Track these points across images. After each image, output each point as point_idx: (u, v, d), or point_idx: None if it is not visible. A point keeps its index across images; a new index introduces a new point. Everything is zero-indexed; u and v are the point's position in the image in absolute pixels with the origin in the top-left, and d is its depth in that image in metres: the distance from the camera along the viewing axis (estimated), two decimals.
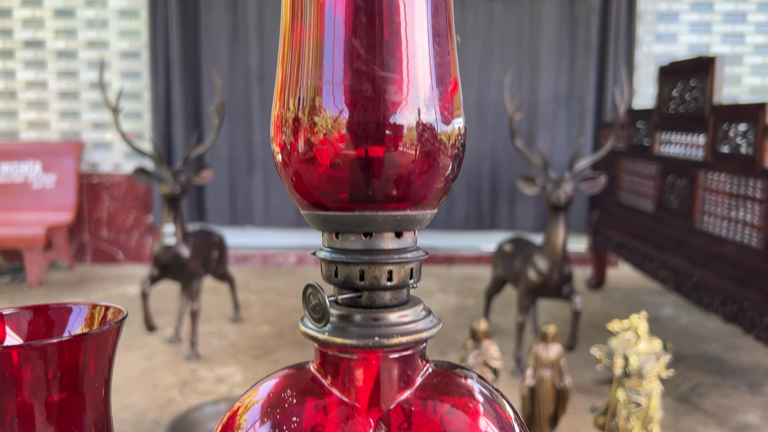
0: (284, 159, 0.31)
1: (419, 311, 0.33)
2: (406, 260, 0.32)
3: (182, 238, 2.07)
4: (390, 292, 0.32)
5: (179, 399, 1.84)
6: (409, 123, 0.29)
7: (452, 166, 0.31)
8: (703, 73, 2.08)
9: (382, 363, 0.31)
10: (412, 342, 0.31)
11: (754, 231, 1.77)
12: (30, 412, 0.31)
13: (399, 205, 0.30)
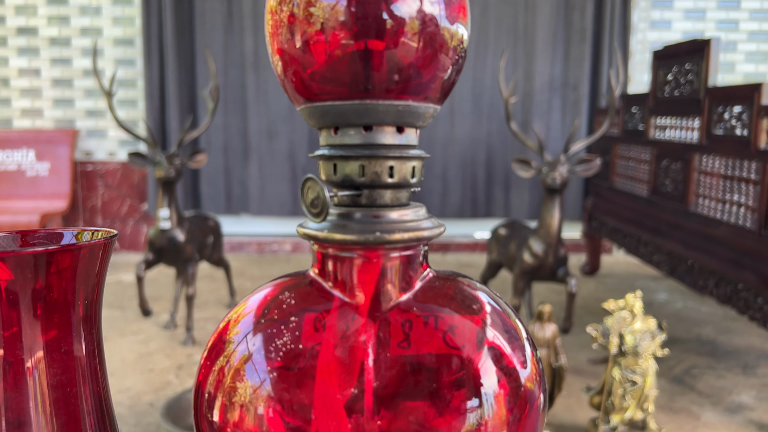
0: (284, 63, 0.31)
1: (420, 212, 0.32)
2: (407, 156, 0.31)
3: (177, 222, 2.06)
4: (391, 191, 0.31)
5: (175, 382, 1.84)
6: (412, 13, 0.29)
7: (451, 71, 0.31)
8: (698, 57, 2.08)
9: (384, 262, 0.31)
10: (413, 239, 0.31)
11: (748, 212, 1.78)
12: (16, 321, 0.29)
13: (400, 95, 0.30)
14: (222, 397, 0.30)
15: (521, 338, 0.33)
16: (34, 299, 0.29)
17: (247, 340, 0.31)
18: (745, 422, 1.65)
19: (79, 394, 0.32)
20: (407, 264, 0.32)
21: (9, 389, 0.29)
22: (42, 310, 0.30)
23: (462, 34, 0.30)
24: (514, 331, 0.33)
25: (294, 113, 3.27)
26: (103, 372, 0.34)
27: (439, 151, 3.31)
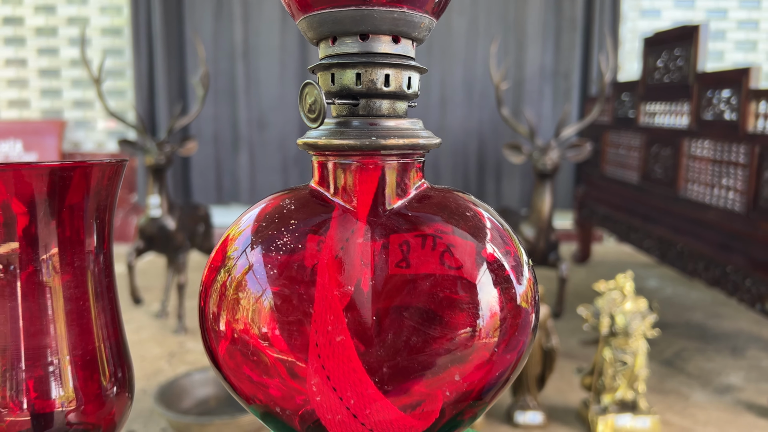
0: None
1: (418, 124, 0.33)
2: (403, 65, 0.32)
3: (168, 209, 2.05)
4: (387, 100, 0.32)
5: (167, 369, 1.84)
6: None
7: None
8: (687, 42, 2.09)
9: (381, 167, 0.31)
10: (408, 145, 0.31)
11: (737, 195, 1.80)
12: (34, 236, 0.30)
13: (396, 2, 0.30)
14: (226, 311, 0.31)
15: (520, 259, 0.33)
16: (51, 213, 0.30)
17: (246, 252, 0.31)
18: (733, 402, 1.67)
19: (92, 308, 0.33)
20: (403, 171, 0.32)
21: (27, 299, 0.31)
22: (58, 225, 0.31)
23: None
24: (516, 251, 0.33)
25: (285, 103, 3.26)
26: (114, 291, 0.36)
27: None
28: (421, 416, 0.30)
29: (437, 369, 0.30)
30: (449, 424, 0.31)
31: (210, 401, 1.60)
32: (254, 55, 3.23)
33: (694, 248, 1.94)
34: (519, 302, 0.32)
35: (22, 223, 0.30)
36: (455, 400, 0.31)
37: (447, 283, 0.30)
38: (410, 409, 0.30)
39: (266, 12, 3.20)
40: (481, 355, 0.30)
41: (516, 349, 0.32)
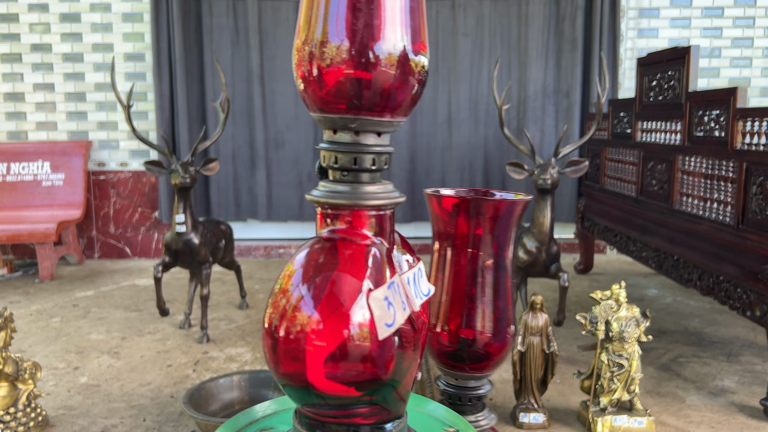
0: (305, 84, 0.46)
1: (389, 187, 0.50)
2: (382, 152, 0.48)
3: (192, 226, 2.18)
4: (369, 174, 0.47)
5: (193, 376, 1.96)
6: (390, 50, 0.44)
7: (417, 89, 0.47)
8: (680, 63, 2.21)
9: (364, 218, 0.48)
10: (391, 205, 0.48)
11: (727, 208, 1.91)
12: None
13: (380, 113, 0.45)
14: (285, 322, 0.45)
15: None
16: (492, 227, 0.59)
17: (299, 288, 0.46)
18: (727, 404, 1.77)
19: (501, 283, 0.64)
20: (379, 220, 0.49)
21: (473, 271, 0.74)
22: (492, 232, 0.61)
23: (424, 63, 0.46)
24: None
25: (299, 123, 3.41)
26: (506, 277, 0.69)
27: (437, 156, 3.45)
28: None
29: None
30: None
31: (234, 404, 1.72)
32: (270, 79, 3.39)
33: (689, 258, 2.04)
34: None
35: (483, 230, 0.54)
36: None
37: None
38: None
39: (281, 38, 3.37)
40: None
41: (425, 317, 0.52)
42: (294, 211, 3.52)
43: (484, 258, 0.58)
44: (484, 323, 0.67)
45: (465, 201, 0.50)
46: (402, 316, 0.43)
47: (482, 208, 0.51)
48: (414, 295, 0.45)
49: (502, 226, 0.51)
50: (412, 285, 0.45)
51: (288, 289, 0.46)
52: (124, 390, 1.87)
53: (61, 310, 2.64)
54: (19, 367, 1.63)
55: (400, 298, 0.43)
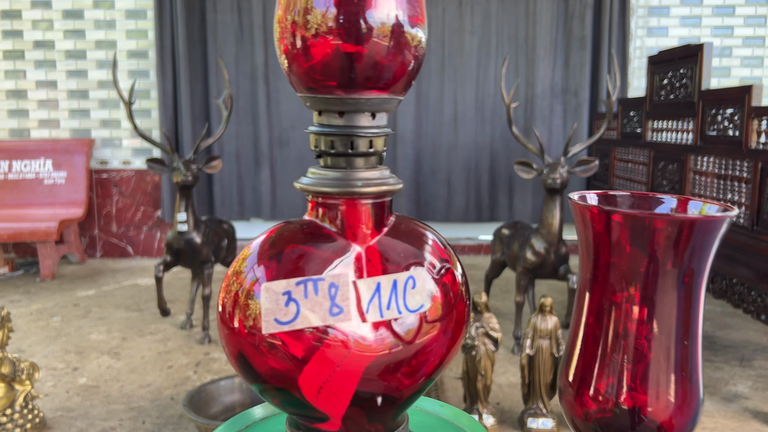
0: (289, 59, 0.41)
1: (385, 173, 0.44)
2: (378, 134, 0.43)
3: (194, 225, 2.15)
4: (364, 158, 0.43)
5: (194, 378, 1.93)
6: (383, 19, 0.39)
7: (414, 65, 0.42)
8: (692, 61, 2.17)
9: (361, 208, 0.42)
10: (384, 192, 0.43)
11: (741, 209, 1.86)
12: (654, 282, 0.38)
13: (374, 90, 0.40)
14: (238, 312, 0.40)
15: (455, 263, 0.47)
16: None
17: (254, 269, 0.42)
18: (740, 410, 1.72)
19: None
20: (380, 208, 0.44)
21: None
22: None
23: (421, 36, 0.41)
24: (450, 255, 0.46)
25: (304, 121, 3.38)
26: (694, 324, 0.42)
27: (443, 156, 3.41)
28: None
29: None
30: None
31: (236, 407, 1.68)
32: (275, 77, 3.36)
33: None
34: (461, 292, 0.45)
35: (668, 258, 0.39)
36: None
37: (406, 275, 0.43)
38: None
39: None
40: (440, 336, 0.43)
41: (459, 328, 0.45)
42: (298, 210, 3.48)
43: (662, 297, 0.39)
44: (660, 387, 0.35)
45: (637, 219, 0.36)
46: (320, 318, 0.38)
47: (667, 227, 0.34)
48: (386, 308, 0.40)
49: (697, 252, 0.37)
50: (390, 294, 0.40)
51: (242, 272, 0.42)
52: (124, 391, 1.83)
53: (61, 310, 2.61)
54: (16, 368, 1.60)
55: (326, 301, 0.38)
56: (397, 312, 0.40)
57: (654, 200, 0.44)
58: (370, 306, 0.40)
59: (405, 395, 0.44)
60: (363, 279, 0.40)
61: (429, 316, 0.42)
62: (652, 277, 0.38)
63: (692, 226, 0.37)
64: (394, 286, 0.40)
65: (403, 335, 0.41)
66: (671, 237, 0.36)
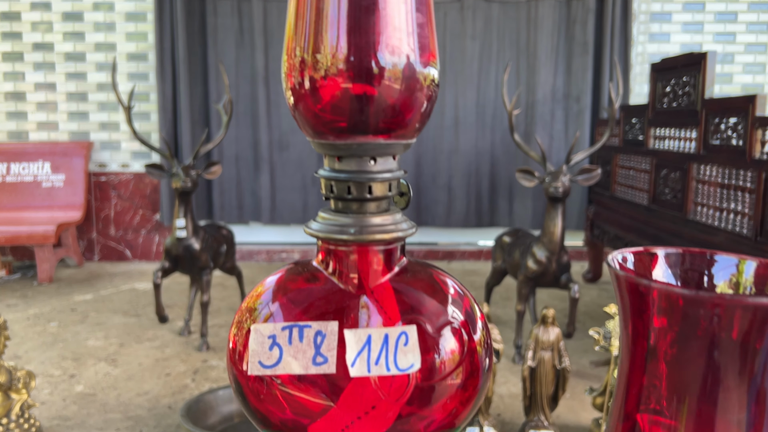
0: (296, 98, 0.39)
1: (397, 217, 0.42)
2: (391, 177, 0.41)
3: (193, 231, 2.13)
4: (375, 202, 0.41)
5: (192, 386, 1.91)
6: (395, 61, 0.38)
7: (426, 106, 0.40)
8: (695, 69, 2.15)
9: (369, 254, 0.41)
10: (391, 239, 0.41)
11: (744, 219, 1.85)
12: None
13: (385, 135, 0.39)
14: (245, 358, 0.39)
15: (474, 313, 0.43)
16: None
17: (268, 306, 0.41)
18: None
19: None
20: (387, 255, 0.42)
21: None
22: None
23: (434, 75, 0.39)
24: (470, 308, 0.42)
25: None
26: None
27: (444, 161, 3.39)
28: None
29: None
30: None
31: (234, 417, 1.66)
32: (275, 81, 3.34)
33: None
34: (473, 344, 0.42)
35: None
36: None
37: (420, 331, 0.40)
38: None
39: None
40: (442, 392, 0.40)
41: (474, 383, 0.41)
42: (298, 214, 3.46)
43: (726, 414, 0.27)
44: None
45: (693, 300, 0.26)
46: (302, 366, 0.36)
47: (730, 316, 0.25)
48: (374, 363, 0.37)
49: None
50: (380, 350, 0.37)
51: (256, 309, 0.41)
52: (121, 400, 1.81)
53: (59, 315, 2.59)
54: (12, 377, 1.58)
55: (309, 349, 0.36)
56: (385, 369, 0.38)
57: (708, 260, 0.32)
58: (358, 359, 0.38)
59: None
60: (352, 330, 0.38)
61: (433, 373, 0.39)
62: (711, 391, 0.25)
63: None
64: (386, 341, 0.38)
65: (396, 395, 0.39)
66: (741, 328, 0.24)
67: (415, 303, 0.41)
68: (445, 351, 0.39)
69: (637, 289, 0.28)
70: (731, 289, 0.33)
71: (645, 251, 0.34)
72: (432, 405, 0.39)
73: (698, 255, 0.33)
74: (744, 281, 0.32)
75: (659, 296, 0.27)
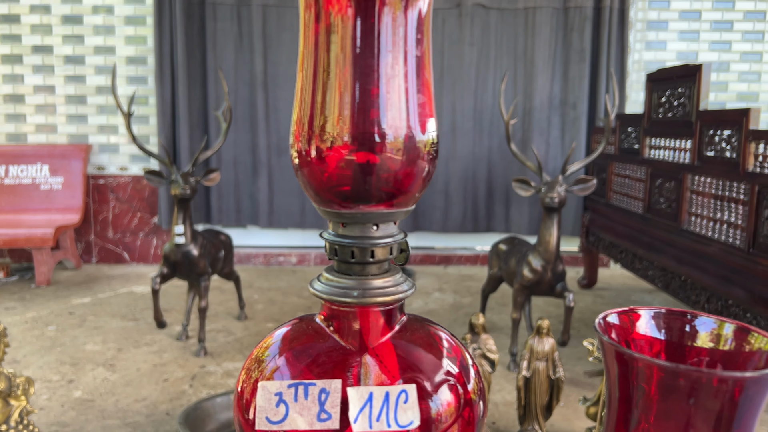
0: (302, 162, 0.41)
1: (397, 277, 0.45)
2: (388, 243, 0.44)
3: (191, 237, 2.15)
4: (376, 265, 0.44)
5: (189, 392, 1.92)
6: (396, 133, 0.40)
7: (426, 171, 0.42)
8: (690, 81, 2.18)
9: (371, 315, 0.43)
10: (392, 301, 0.44)
11: (738, 231, 1.87)
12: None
13: (387, 204, 0.41)
14: (254, 402, 0.41)
15: (467, 364, 0.46)
16: None
17: (275, 360, 0.44)
18: None
19: None
20: (388, 315, 0.44)
21: None
22: None
23: (433, 139, 0.41)
24: (463, 359, 0.44)
25: None
26: None
27: (441, 166, 3.41)
28: None
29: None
30: None
31: (232, 425, 1.68)
32: (273, 85, 3.35)
33: (697, 280, 2.01)
34: (468, 395, 0.45)
35: None
36: None
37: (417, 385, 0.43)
38: None
39: (285, 44, 3.33)
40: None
41: (471, 429, 0.44)
42: (295, 218, 3.48)
43: None
44: None
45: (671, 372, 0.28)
46: (307, 422, 0.38)
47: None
48: (375, 419, 0.40)
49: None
50: (381, 406, 0.39)
51: (264, 360, 0.43)
52: (119, 406, 1.83)
53: (56, 318, 2.60)
54: (12, 383, 1.59)
55: (314, 406, 0.39)
56: (386, 425, 0.40)
57: (689, 320, 0.35)
58: (360, 415, 0.40)
59: None
60: (355, 387, 0.40)
61: (429, 429, 0.41)
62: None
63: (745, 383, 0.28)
64: (386, 398, 0.40)
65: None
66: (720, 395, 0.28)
67: (414, 361, 0.43)
68: (443, 406, 0.42)
69: (622, 357, 0.31)
70: (712, 342, 0.34)
71: (629, 310, 0.37)
72: None
73: (680, 314, 0.36)
74: (725, 335, 0.34)
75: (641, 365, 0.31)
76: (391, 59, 0.40)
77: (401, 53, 0.40)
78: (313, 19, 0.41)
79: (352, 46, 0.40)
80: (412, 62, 0.41)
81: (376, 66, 0.39)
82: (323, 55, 0.40)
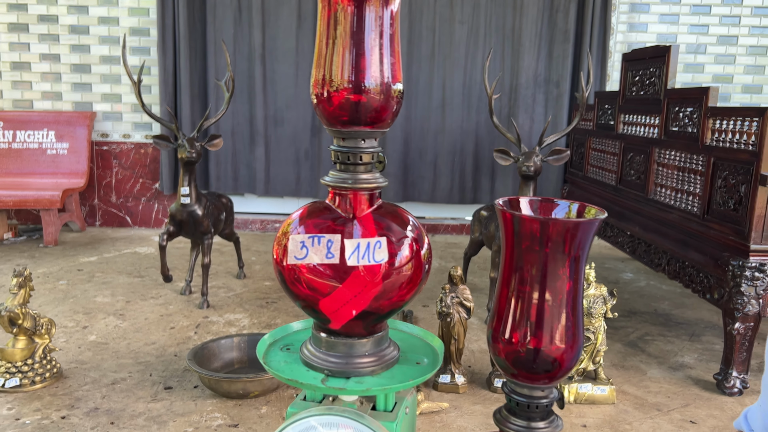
0: (319, 100, 0.66)
1: (377, 174, 0.70)
2: (373, 151, 0.69)
3: (196, 198, 2.32)
4: (364, 165, 0.69)
5: (194, 338, 2.11)
6: (377, 82, 0.65)
7: (395, 108, 0.68)
8: (660, 61, 2.35)
9: (359, 196, 0.69)
10: (372, 188, 0.70)
11: (695, 199, 2.06)
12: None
13: (371, 126, 0.66)
14: (286, 256, 0.63)
15: (423, 237, 0.72)
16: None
17: (296, 227, 0.69)
18: (684, 378, 1.94)
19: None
20: (370, 197, 0.70)
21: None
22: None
23: (400, 89, 0.65)
24: (421, 234, 0.72)
25: (298, 102, 3.53)
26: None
27: (430, 140, 3.58)
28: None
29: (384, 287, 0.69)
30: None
31: (234, 363, 1.87)
32: (271, 58, 3.50)
33: (659, 245, 2.20)
34: (420, 252, 0.70)
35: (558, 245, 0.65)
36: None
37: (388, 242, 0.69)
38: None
39: (283, 18, 3.46)
40: (400, 279, 0.69)
41: (418, 277, 0.71)
42: (291, 186, 3.65)
43: (554, 271, 0.64)
44: (554, 333, 0.68)
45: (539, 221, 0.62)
46: (319, 258, 0.65)
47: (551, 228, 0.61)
48: (361, 257, 0.66)
49: (580, 243, 0.63)
50: (365, 250, 0.63)
51: (288, 231, 0.65)
52: (131, 348, 2.02)
53: (66, 274, 2.78)
54: (36, 323, 1.77)
55: (324, 249, 0.64)
56: (368, 261, 0.66)
57: (553, 205, 0.71)
58: (352, 256, 0.66)
59: (384, 311, 0.70)
60: (349, 239, 0.65)
61: (394, 265, 0.67)
62: (551, 260, 0.63)
63: (577, 227, 0.63)
64: (368, 246, 0.66)
65: (373, 277, 0.67)
66: (562, 233, 0.61)
67: (386, 226, 0.70)
68: (402, 254, 0.68)
69: (510, 217, 0.63)
70: (566, 216, 0.71)
71: (515, 198, 0.70)
72: (393, 286, 0.66)
73: (549, 201, 0.71)
74: (571, 209, 0.72)
75: (517, 220, 0.63)
76: (374, 36, 0.62)
77: (380, 32, 0.63)
78: (326, 9, 0.66)
79: (350, 27, 0.66)
80: (386, 38, 0.64)
81: (364, 40, 0.60)
82: (332, 32, 0.67)
